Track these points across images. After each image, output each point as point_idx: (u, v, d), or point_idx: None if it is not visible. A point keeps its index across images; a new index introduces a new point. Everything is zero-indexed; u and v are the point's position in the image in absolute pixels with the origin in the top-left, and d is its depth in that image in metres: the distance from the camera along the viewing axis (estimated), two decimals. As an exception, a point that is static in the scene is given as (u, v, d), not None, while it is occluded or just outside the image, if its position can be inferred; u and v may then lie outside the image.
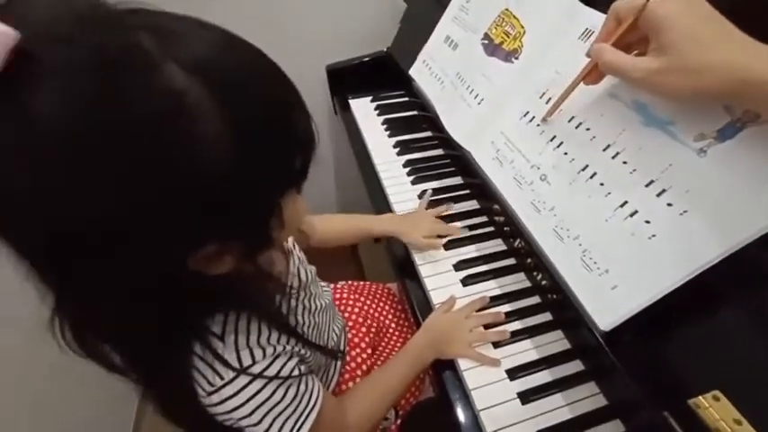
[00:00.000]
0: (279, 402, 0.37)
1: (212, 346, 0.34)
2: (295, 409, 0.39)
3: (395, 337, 0.70)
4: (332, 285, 0.72)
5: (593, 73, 0.41)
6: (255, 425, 0.37)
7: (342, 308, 0.68)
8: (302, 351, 0.42)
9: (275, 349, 0.37)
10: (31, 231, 0.23)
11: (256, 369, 0.36)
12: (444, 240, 0.63)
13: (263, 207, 0.29)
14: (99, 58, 0.20)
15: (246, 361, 0.35)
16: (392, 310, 0.73)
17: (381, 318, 0.71)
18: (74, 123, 0.20)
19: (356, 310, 0.68)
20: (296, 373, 0.39)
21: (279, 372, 0.37)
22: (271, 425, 0.37)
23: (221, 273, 0.29)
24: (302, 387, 0.40)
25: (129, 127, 0.21)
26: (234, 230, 0.28)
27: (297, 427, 0.39)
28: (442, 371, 0.52)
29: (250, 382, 0.36)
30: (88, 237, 0.23)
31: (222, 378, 0.35)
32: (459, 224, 0.66)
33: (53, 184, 0.21)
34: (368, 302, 0.72)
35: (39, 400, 0.77)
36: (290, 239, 0.50)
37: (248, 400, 0.36)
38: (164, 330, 0.31)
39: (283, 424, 0.38)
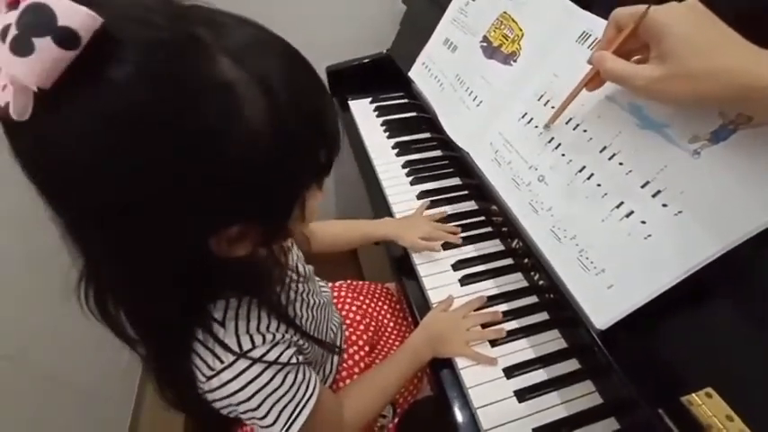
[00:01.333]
0: (278, 388, 0.38)
1: (213, 331, 0.35)
2: (293, 396, 0.39)
3: (393, 336, 0.71)
4: (330, 284, 0.72)
5: (594, 80, 0.41)
6: (255, 409, 0.37)
7: (340, 306, 0.68)
8: (300, 341, 0.42)
9: (274, 336, 0.38)
10: (83, 194, 0.24)
11: (256, 353, 0.36)
12: (441, 241, 0.64)
13: (290, 196, 0.30)
14: (169, 43, 0.23)
15: (246, 345, 0.36)
16: (390, 310, 0.74)
17: (380, 317, 0.72)
18: (143, 93, 0.22)
19: (354, 308, 0.68)
20: (294, 360, 0.40)
21: (278, 358, 0.38)
22: (270, 410, 0.38)
23: (236, 256, 0.31)
24: (300, 376, 0.40)
25: (186, 105, 0.23)
26: (259, 215, 0.29)
27: (295, 414, 0.39)
28: (440, 369, 0.52)
29: (249, 366, 0.36)
30: (130, 202, 0.24)
31: (222, 362, 0.35)
32: (457, 228, 0.66)
33: (116, 150, 0.23)
34: (366, 302, 0.72)
35: (36, 409, 0.77)
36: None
37: (247, 384, 0.36)
38: (173, 308, 0.33)
39: (282, 410, 0.38)
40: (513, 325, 0.54)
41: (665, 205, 0.38)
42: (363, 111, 0.94)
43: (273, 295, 0.40)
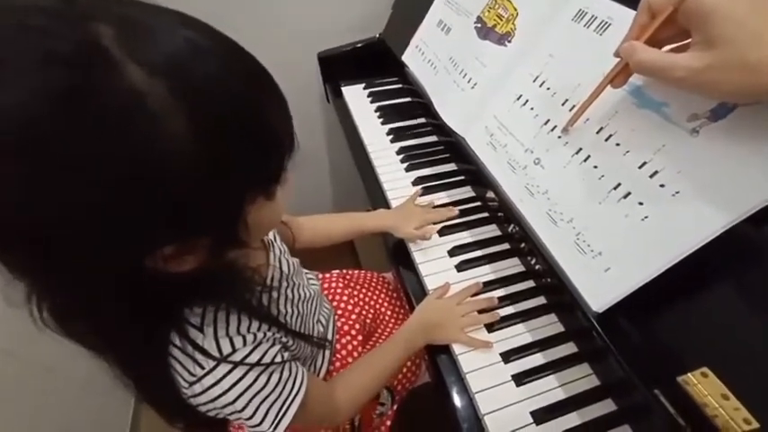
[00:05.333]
0: (262, 388, 0.37)
1: (191, 337, 0.34)
2: (279, 395, 0.39)
3: (391, 325, 0.71)
4: (320, 275, 0.72)
5: (622, 74, 0.37)
6: (240, 410, 0.37)
7: (331, 296, 0.68)
8: (284, 339, 0.42)
9: (256, 337, 0.37)
10: None
11: (237, 357, 0.36)
12: (438, 227, 0.63)
13: (224, 211, 0.28)
14: (54, 54, 0.20)
15: (226, 349, 0.35)
16: (387, 298, 0.74)
17: (377, 306, 0.72)
18: (34, 116, 0.20)
19: (345, 298, 0.68)
20: (278, 359, 0.39)
21: (260, 359, 0.37)
22: (256, 410, 0.37)
23: (184, 270, 0.29)
24: (285, 373, 0.40)
25: (87, 125, 0.21)
26: (193, 232, 0.27)
27: (283, 410, 0.39)
28: (438, 355, 0.52)
29: (231, 371, 0.35)
30: (44, 231, 0.23)
31: (203, 368, 0.35)
32: (452, 207, 0.66)
33: (12, 178, 0.21)
34: (363, 291, 0.72)
35: (37, 402, 0.77)
36: (272, 231, 0.49)
37: (231, 388, 0.36)
38: (135, 320, 0.31)
39: (269, 409, 0.38)
40: (510, 310, 0.54)
41: (662, 186, 0.37)
42: (357, 97, 0.92)
43: (250, 298, 0.38)
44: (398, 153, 0.78)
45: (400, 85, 0.94)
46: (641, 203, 0.38)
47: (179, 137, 0.23)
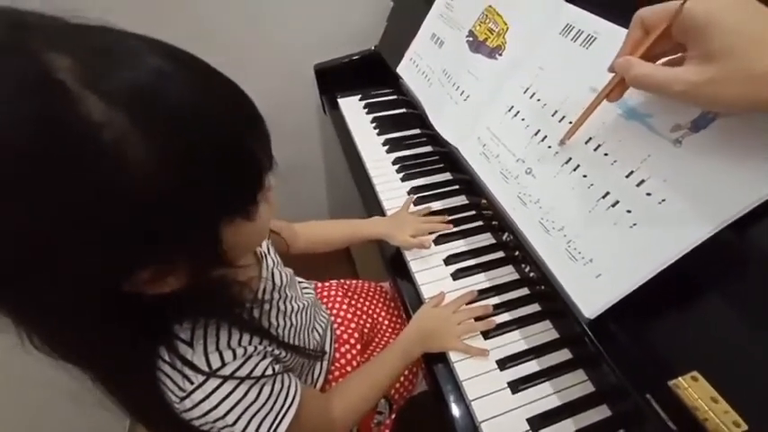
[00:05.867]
0: (254, 402, 0.37)
1: (180, 352, 0.34)
2: (271, 408, 0.38)
3: (388, 334, 0.71)
4: (316, 284, 0.72)
5: (617, 88, 0.37)
6: (232, 425, 0.36)
7: (329, 305, 0.68)
8: (276, 351, 0.41)
9: (245, 350, 0.37)
10: None
11: (227, 371, 0.35)
12: (434, 236, 0.64)
13: (197, 235, 0.28)
14: (6, 88, 0.20)
15: (216, 364, 0.35)
16: (385, 308, 0.74)
17: (374, 315, 0.72)
18: None
19: (344, 307, 0.68)
20: (269, 372, 0.39)
21: (251, 372, 0.37)
22: (248, 425, 0.37)
23: (166, 292, 0.29)
24: (277, 386, 0.40)
25: (39, 157, 0.21)
26: (167, 257, 0.27)
27: (275, 424, 0.38)
28: (434, 363, 0.53)
29: (220, 385, 0.35)
30: (14, 261, 0.23)
31: (192, 383, 0.34)
32: (445, 217, 0.67)
33: None
34: (361, 300, 0.72)
35: (36, 408, 0.76)
36: (265, 243, 0.49)
37: (221, 402, 0.35)
38: (121, 339, 0.31)
39: (261, 423, 0.37)
40: (505, 317, 0.55)
41: (648, 194, 0.38)
42: (353, 108, 0.94)
43: (239, 312, 0.38)
44: (394, 163, 0.79)
45: (395, 97, 0.95)
46: (629, 211, 0.39)
47: (141, 165, 0.22)
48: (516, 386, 0.48)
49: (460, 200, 0.72)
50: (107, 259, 0.24)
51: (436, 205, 0.70)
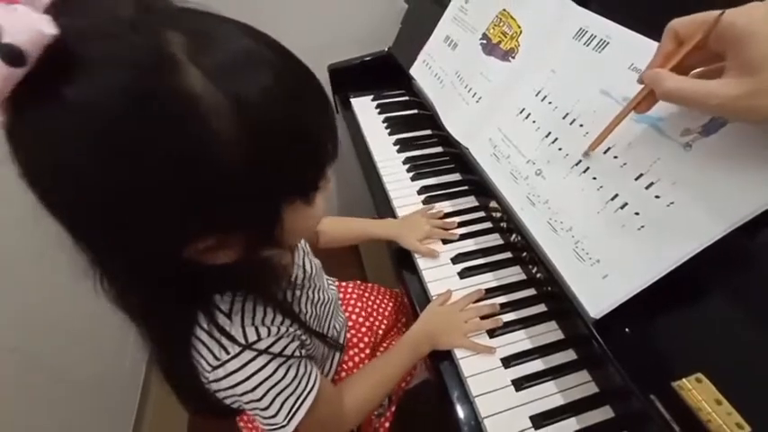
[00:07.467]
0: (280, 380, 0.39)
1: (219, 322, 0.36)
2: (296, 389, 0.40)
3: (396, 339, 0.72)
4: (338, 282, 0.74)
5: (646, 100, 0.37)
6: (258, 400, 0.38)
7: (345, 306, 0.69)
8: (303, 336, 0.43)
9: (279, 330, 0.39)
10: (63, 203, 0.26)
11: (261, 345, 0.37)
12: (444, 247, 0.64)
13: (262, 211, 0.30)
14: (126, 58, 0.23)
15: (252, 337, 0.37)
16: (395, 313, 0.75)
17: (385, 320, 0.73)
18: (99, 112, 0.23)
19: (357, 310, 0.69)
20: (297, 354, 0.41)
21: (282, 350, 0.39)
22: (272, 401, 0.39)
23: (218, 263, 0.31)
24: (302, 369, 0.41)
25: (145, 121, 0.23)
26: (230, 229, 0.29)
27: (297, 405, 0.40)
28: (439, 360, 0.53)
29: (254, 358, 0.37)
30: (111, 210, 0.25)
31: (228, 352, 0.36)
32: (454, 224, 0.67)
33: (81, 163, 0.24)
34: (375, 304, 0.73)
35: (39, 401, 0.78)
36: None
37: (252, 375, 0.37)
38: (168, 298, 0.34)
39: (284, 402, 0.39)
40: (511, 316, 0.55)
41: (657, 197, 0.39)
42: (365, 108, 0.95)
43: (277, 293, 0.40)
44: (405, 163, 0.80)
45: (407, 98, 0.96)
46: (637, 213, 0.40)
47: (227, 137, 0.25)
48: (520, 384, 0.49)
49: (470, 200, 0.72)
50: (182, 221, 0.27)
51: (445, 205, 0.71)
